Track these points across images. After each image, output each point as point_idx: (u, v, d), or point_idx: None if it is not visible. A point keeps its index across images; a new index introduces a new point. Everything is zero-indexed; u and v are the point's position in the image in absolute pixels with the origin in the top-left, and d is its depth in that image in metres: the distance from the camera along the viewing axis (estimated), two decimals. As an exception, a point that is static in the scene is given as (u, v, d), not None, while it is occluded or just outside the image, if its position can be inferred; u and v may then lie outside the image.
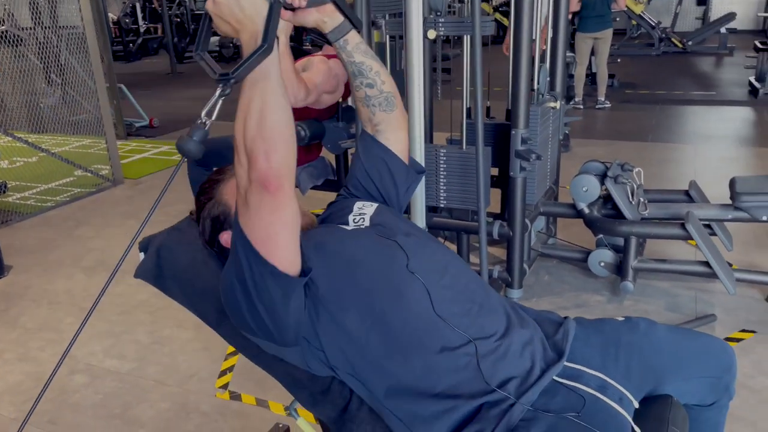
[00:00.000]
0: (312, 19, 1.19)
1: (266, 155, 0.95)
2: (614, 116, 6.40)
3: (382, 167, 1.37)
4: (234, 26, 0.99)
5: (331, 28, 1.21)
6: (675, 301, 2.73)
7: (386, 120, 1.34)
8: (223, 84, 0.97)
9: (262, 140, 0.95)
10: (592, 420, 1.04)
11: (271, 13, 0.98)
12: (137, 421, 2.13)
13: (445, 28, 2.48)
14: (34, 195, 4.59)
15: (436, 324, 1.13)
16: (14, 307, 2.93)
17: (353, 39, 1.25)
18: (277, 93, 0.97)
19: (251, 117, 0.96)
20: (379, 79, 1.30)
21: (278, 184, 0.95)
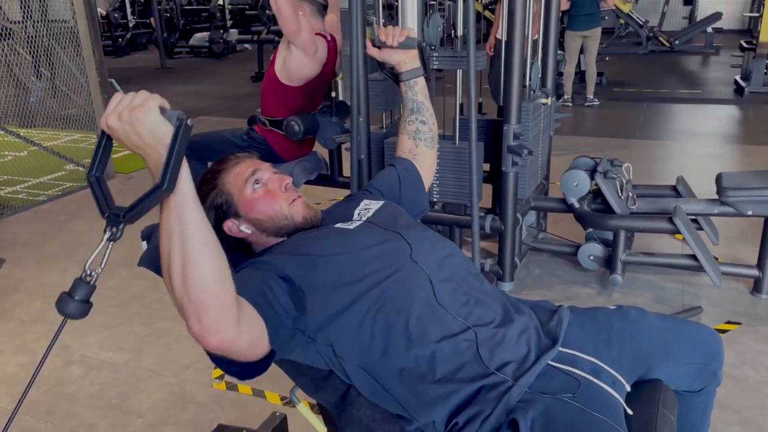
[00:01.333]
0: (396, 59, 1.48)
1: (197, 317, 0.87)
2: (602, 114, 6.48)
3: (413, 195, 1.56)
4: (135, 151, 0.86)
5: (407, 69, 1.51)
6: (662, 293, 2.79)
7: (425, 155, 1.60)
8: (111, 226, 0.84)
9: (190, 302, 0.87)
10: (586, 401, 1.09)
11: (174, 142, 0.83)
12: (134, 411, 2.16)
13: (439, 62, 2.58)
14: (26, 189, 4.58)
15: (438, 312, 1.17)
16: (9, 300, 2.94)
17: (421, 82, 1.54)
18: (198, 241, 0.86)
19: (173, 274, 0.87)
20: (432, 119, 1.59)
21: (218, 341, 0.90)
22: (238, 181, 1.32)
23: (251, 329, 0.98)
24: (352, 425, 1.31)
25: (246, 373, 1.05)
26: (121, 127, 0.84)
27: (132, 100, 0.85)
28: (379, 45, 1.52)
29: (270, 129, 3.07)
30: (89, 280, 0.86)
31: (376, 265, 1.19)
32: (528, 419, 1.05)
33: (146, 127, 0.83)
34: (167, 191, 0.83)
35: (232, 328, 0.92)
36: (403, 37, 1.50)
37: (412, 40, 1.51)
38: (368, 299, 1.16)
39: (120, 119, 0.84)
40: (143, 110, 0.83)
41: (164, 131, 0.84)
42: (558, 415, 1.06)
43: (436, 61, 2.56)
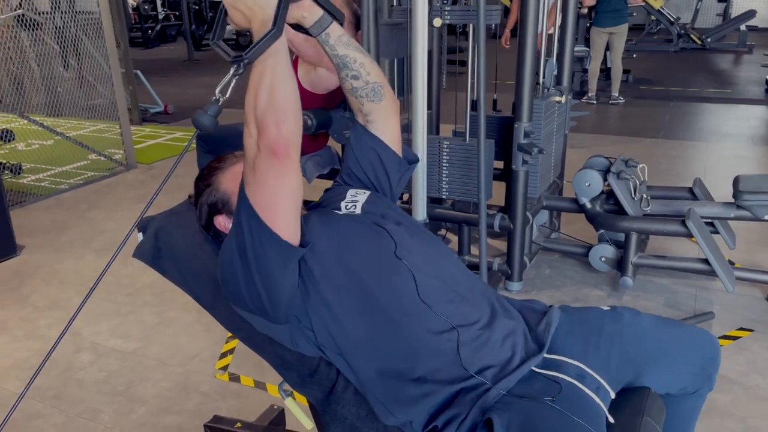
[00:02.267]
0: (292, 16, 1.20)
1: (276, 124, 1.01)
2: (627, 112, 6.37)
3: (373, 158, 1.39)
4: (246, 15, 1.05)
5: (312, 23, 1.22)
6: (674, 297, 2.74)
7: (376, 110, 1.35)
8: (236, 65, 1.05)
9: (273, 111, 1.02)
10: (567, 405, 1.07)
11: (280, 2, 1.05)
12: (139, 399, 2.20)
13: (451, 16, 2.49)
14: (49, 177, 4.68)
15: (421, 309, 1.16)
16: (25, 286, 3.01)
17: (335, 32, 1.25)
18: (286, 70, 1.04)
19: (262, 90, 1.02)
20: (363, 70, 1.31)
21: (286, 151, 1.02)
22: (233, 179, 1.33)
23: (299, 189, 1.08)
24: (336, 422, 1.32)
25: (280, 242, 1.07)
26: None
27: None
28: None
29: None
30: (218, 102, 1.05)
31: (360, 260, 1.19)
32: (504, 418, 1.04)
33: None
34: (278, 33, 1.03)
35: (296, 152, 1.05)
36: None
37: None
38: (351, 293, 1.16)
39: None
40: None
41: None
42: (536, 417, 1.05)
43: (448, 16, 2.50)
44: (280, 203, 1.06)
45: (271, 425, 1.85)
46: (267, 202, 1.05)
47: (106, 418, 2.10)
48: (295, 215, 1.09)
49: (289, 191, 1.06)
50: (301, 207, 1.11)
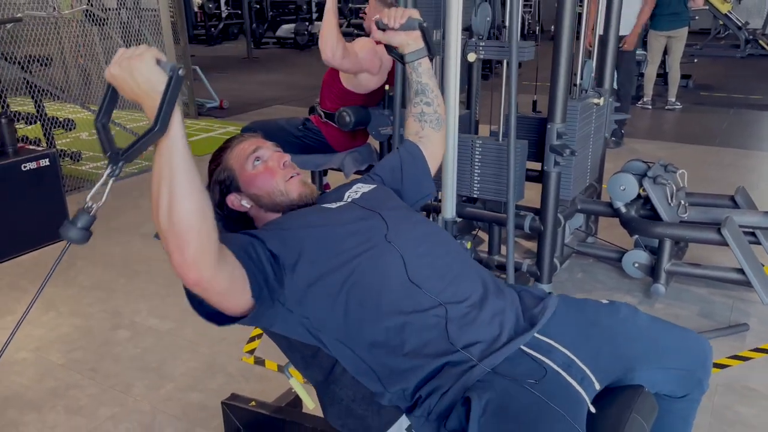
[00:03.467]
0: (399, 40, 1.42)
1: (179, 250, 0.94)
2: (683, 118, 6.18)
3: (416, 177, 1.55)
4: (133, 98, 0.95)
5: (411, 51, 1.45)
6: (710, 308, 2.66)
7: (431, 137, 1.56)
8: (111, 165, 0.94)
9: (173, 235, 0.94)
10: (548, 392, 1.09)
11: (167, 89, 0.92)
12: (168, 376, 2.31)
13: (485, 52, 2.55)
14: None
15: (410, 289, 1.20)
16: (73, 267, 3.19)
17: (425, 63, 1.48)
18: (184, 180, 0.93)
19: (161, 208, 0.94)
20: (437, 101, 1.54)
21: (197, 271, 0.97)
22: (240, 157, 1.40)
23: (231, 274, 1.05)
24: (333, 404, 1.37)
25: (223, 321, 1.12)
26: (121, 75, 0.93)
27: (132, 52, 0.94)
28: (383, 27, 1.47)
29: (325, 121, 3.16)
30: (90, 211, 0.95)
31: (351, 242, 1.24)
32: (483, 399, 1.06)
33: (143, 75, 0.92)
34: (159, 132, 0.92)
35: (212, 266, 0.98)
36: (404, 19, 1.44)
37: (414, 21, 1.45)
38: (342, 274, 1.21)
39: (120, 68, 0.93)
40: (140, 60, 0.92)
41: (158, 79, 0.92)
42: (515, 401, 1.07)
43: (482, 51, 2.54)
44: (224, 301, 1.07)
45: (287, 406, 1.91)
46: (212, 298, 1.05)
47: (137, 392, 2.22)
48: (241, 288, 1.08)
49: (221, 290, 1.04)
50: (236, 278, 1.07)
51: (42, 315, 2.73)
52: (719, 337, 2.44)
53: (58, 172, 3.43)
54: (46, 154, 3.36)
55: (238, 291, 1.08)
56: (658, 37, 6.01)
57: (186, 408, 2.13)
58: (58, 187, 3.44)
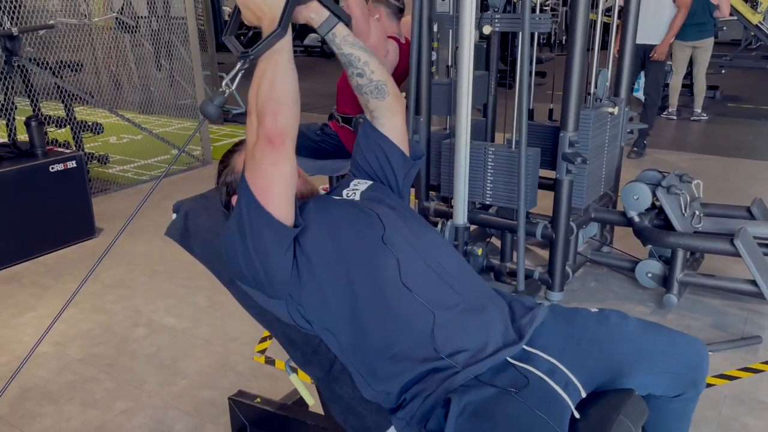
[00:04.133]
0: (302, 17, 1.29)
1: (274, 115, 1.12)
2: (708, 129, 6.11)
3: (379, 153, 1.46)
4: (257, 14, 1.18)
5: (319, 23, 1.30)
6: (723, 319, 2.64)
7: (380, 107, 1.41)
8: (243, 59, 1.17)
9: (272, 102, 1.12)
10: (529, 398, 1.11)
11: (286, 5, 1.17)
12: (181, 373, 2.37)
13: (500, 24, 2.53)
14: (133, 168, 5.05)
15: (401, 292, 1.22)
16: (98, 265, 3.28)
17: (340, 32, 1.33)
18: (288, 66, 1.15)
19: (264, 84, 1.13)
20: (367, 68, 1.37)
21: (282, 140, 1.13)
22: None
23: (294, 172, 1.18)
24: (334, 401, 1.40)
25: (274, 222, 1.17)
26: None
27: None
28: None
29: (342, 125, 3.22)
30: (223, 94, 1.19)
31: (348, 242, 1.27)
32: (462, 401, 1.09)
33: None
34: (282, 33, 1.14)
35: (292, 142, 1.15)
36: None
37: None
38: (337, 271, 1.24)
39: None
40: None
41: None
42: (495, 406, 1.09)
43: (498, 23, 2.54)
44: (274, 187, 1.15)
45: (293, 404, 1.95)
46: (263, 186, 1.15)
47: (150, 387, 2.28)
48: (288, 199, 1.18)
49: (283, 177, 1.16)
50: (294, 191, 1.20)
51: (65, 311, 2.82)
52: (731, 348, 2.41)
53: (84, 174, 3.54)
54: (73, 156, 3.48)
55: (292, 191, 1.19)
56: (684, 48, 5.96)
57: (197, 404, 2.19)
58: (85, 188, 3.55)
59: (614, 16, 2.86)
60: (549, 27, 2.48)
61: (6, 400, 2.21)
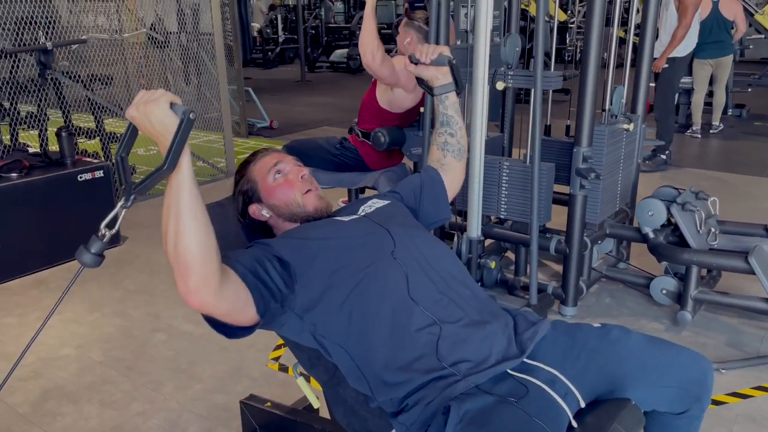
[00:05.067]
0: (429, 74, 1.53)
1: (183, 279, 1.04)
2: (732, 147, 6.05)
3: (434, 201, 1.64)
4: (153, 135, 1.05)
5: (440, 85, 1.57)
6: (738, 338, 2.61)
7: (452, 165, 1.67)
8: (125, 197, 1.04)
9: (178, 265, 1.03)
10: (528, 406, 1.13)
11: (177, 131, 1.00)
12: (197, 377, 2.43)
13: (513, 80, 2.63)
14: (159, 180, 5.17)
15: (409, 305, 1.27)
16: (122, 272, 3.38)
17: (452, 97, 1.60)
18: (190, 215, 1.03)
19: (168, 240, 1.04)
20: (460, 133, 1.65)
21: (199, 301, 1.07)
22: (263, 170, 1.51)
23: (234, 297, 1.14)
24: (338, 404, 1.45)
25: (231, 334, 1.22)
26: (138, 116, 1.03)
27: (150, 96, 1.04)
28: (415, 61, 1.62)
29: (362, 140, 3.28)
30: (103, 238, 1.05)
31: (359, 255, 1.32)
32: (462, 409, 1.12)
33: (157, 117, 1.02)
34: (168, 171, 1.01)
35: (213, 292, 1.08)
36: (435, 55, 1.57)
37: (444, 57, 1.58)
38: (348, 285, 1.29)
39: (137, 111, 1.03)
40: (155, 104, 1.02)
41: (171, 122, 1.02)
42: (493, 413, 1.12)
43: (511, 80, 2.62)
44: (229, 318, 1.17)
45: (303, 410, 1.99)
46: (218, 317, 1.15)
47: (167, 390, 2.35)
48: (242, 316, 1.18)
49: (224, 316, 1.15)
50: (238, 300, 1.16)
51: (88, 315, 2.92)
52: (745, 367, 2.39)
53: (111, 183, 3.66)
54: (100, 166, 3.59)
55: (242, 310, 1.16)
56: (703, 65, 5.94)
57: (211, 408, 2.24)
58: (111, 198, 3.66)
59: (630, 32, 2.88)
60: (560, 84, 2.58)
61: (28, 399, 2.30)
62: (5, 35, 4.00)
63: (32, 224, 3.31)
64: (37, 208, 3.33)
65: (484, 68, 2.49)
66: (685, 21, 4.79)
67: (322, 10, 13.64)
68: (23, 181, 3.29)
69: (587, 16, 2.47)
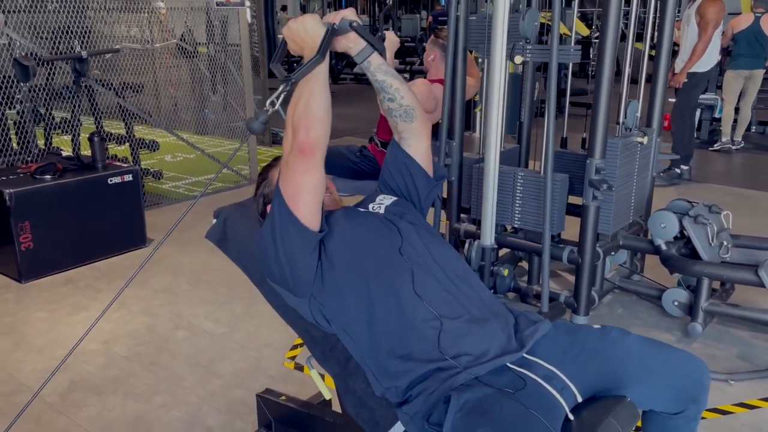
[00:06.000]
0: (340, 46, 1.43)
1: (307, 129, 1.28)
2: (756, 163, 6.04)
3: (404, 172, 1.60)
4: (300, 45, 1.35)
5: (356, 52, 1.43)
6: (749, 350, 2.63)
7: (407, 129, 1.54)
8: (286, 83, 1.33)
9: (306, 118, 1.28)
10: (525, 398, 1.20)
11: (325, 35, 1.35)
12: (217, 373, 2.52)
13: (531, 54, 2.64)
14: (185, 185, 5.32)
15: (413, 300, 1.35)
16: (148, 272, 3.50)
17: (375, 61, 1.46)
18: (322, 87, 1.31)
19: (301, 102, 1.29)
20: (398, 94, 1.50)
21: (312, 151, 1.28)
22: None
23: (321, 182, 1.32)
24: (348, 393, 1.52)
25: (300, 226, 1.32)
26: (296, 26, 1.35)
27: (304, 17, 1.36)
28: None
29: (381, 149, 3.37)
30: (266, 113, 1.34)
31: (369, 247, 1.40)
32: (462, 399, 1.19)
33: (311, 24, 1.34)
34: (321, 59, 1.32)
35: (321, 154, 1.30)
36: (338, 21, 1.42)
37: (344, 22, 1.43)
38: (357, 276, 1.37)
39: (296, 23, 1.35)
40: (311, 17, 1.36)
41: (321, 29, 1.34)
42: (492, 403, 1.18)
43: (529, 54, 2.64)
44: (303, 194, 1.30)
45: (320, 405, 2.07)
46: (293, 192, 1.30)
47: (188, 385, 2.44)
48: (315, 206, 1.33)
49: (312, 184, 1.30)
50: (321, 200, 1.34)
51: (114, 312, 3.03)
52: (754, 379, 2.41)
53: (139, 187, 3.79)
54: (130, 170, 3.74)
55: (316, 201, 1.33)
56: (737, 77, 5.93)
57: (229, 402, 2.33)
58: (139, 201, 3.80)
59: (645, 46, 2.94)
60: (579, 58, 2.58)
61: (56, 390, 2.41)
62: (43, 44, 4.18)
63: (64, 225, 3.45)
64: (69, 209, 3.47)
65: (502, 41, 2.53)
66: (705, 36, 4.81)
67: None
68: (56, 183, 3.43)
69: (601, 29, 2.54)
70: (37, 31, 4.18)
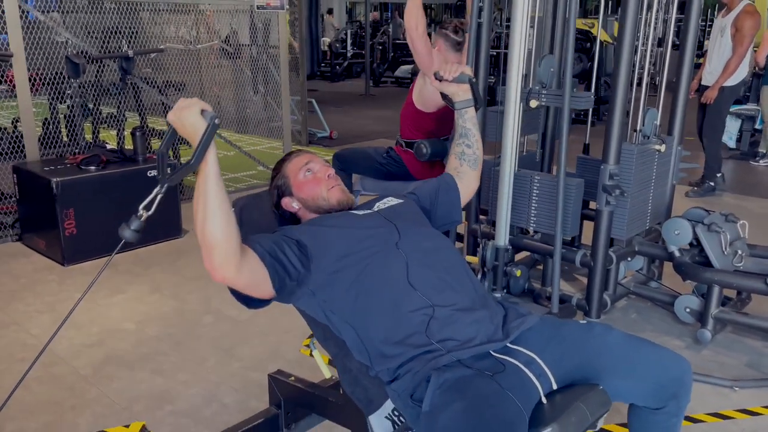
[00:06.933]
0: (451, 90, 1.74)
1: (208, 257, 1.25)
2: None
3: (448, 205, 1.81)
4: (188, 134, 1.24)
5: (460, 100, 1.76)
6: (759, 359, 2.65)
7: (467, 174, 1.83)
8: (160, 184, 1.25)
9: (204, 245, 1.25)
10: (503, 380, 1.30)
11: (205, 132, 1.20)
12: (237, 356, 2.68)
13: (546, 99, 2.78)
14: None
15: (407, 290, 1.46)
16: (181, 260, 3.70)
17: (471, 112, 1.79)
18: (214, 203, 1.22)
19: (197, 224, 1.25)
20: (476, 144, 1.82)
21: (222, 276, 1.27)
22: (295, 167, 1.74)
23: (252, 274, 1.37)
24: (345, 372, 1.65)
25: (249, 303, 1.45)
26: (175, 120, 1.25)
27: (186, 103, 1.25)
28: (440, 78, 1.81)
29: (406, 150, 3.48)
30: (140, 218, 1.27)
31: (367, 243, 1.52)
32: (441, 378, 1.30)
33: (189, 121, 1.23)
34: (194, 165, 1.23)
35: (234, 269, 1.29)
36: (457, 73, 1.75)
37: (465, 76, 1.76)
38: (356, 269, 1.49)
39: (175, 115, 1.25)
40: (189, 110, 1.24)
41: (200, 125, 1.22)
42: (469, 383, 1.29)
43: (544, 98, 2.76)
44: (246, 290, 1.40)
45: (330, 388, 2.19)
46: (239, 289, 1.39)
47: (209, 365, 2.61)
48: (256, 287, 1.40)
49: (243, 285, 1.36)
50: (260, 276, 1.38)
51: (149, 295, 3.23)
52: (760, 387, 2.43)
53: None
54: (169, 164, 3.93)
55: (260, 285, 1.39)
56: None
57: (246, 383, 2.48)
58: (175, 193, 4.00)
59: (666, 52, 2.97)
60: (591, 105, 2.72)
61: (90, 363, 2.60)
62: (93, 43, 4.45)
63: (105, 213, 3.67)
64: (111, 198, 3.69)
65: (516, 86, 2.65)
66: (741, 50, 4.73)
67: (390, 27, 14.01)
68: (100, 173, 3.67)
69: (618, 36, 2.59)
70: (90, 30, 4.45)
